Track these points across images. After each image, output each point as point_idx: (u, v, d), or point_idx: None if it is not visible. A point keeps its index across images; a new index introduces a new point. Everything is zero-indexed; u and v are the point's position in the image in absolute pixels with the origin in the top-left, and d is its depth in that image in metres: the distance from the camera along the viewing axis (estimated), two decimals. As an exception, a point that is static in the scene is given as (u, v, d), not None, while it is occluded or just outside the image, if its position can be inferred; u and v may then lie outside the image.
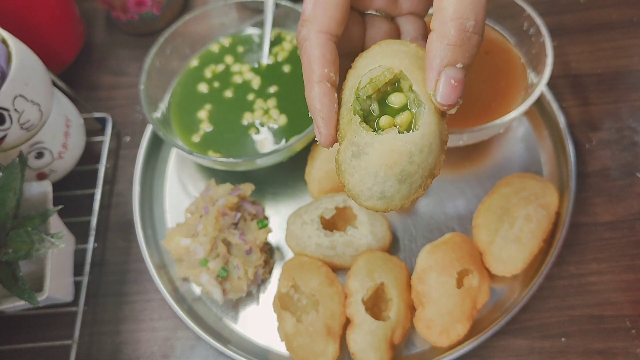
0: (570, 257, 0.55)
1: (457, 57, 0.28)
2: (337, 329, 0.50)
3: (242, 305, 0.56)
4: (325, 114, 0.31)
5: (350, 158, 0.30)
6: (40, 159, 0.56)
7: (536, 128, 0.62)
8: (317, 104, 0.31)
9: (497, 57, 0.59)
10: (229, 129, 0.60)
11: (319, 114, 0.31)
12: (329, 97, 0.31)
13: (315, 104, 0.31)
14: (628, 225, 0.56)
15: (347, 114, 0.31)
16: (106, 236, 0.61)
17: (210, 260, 0.53)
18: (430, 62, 0.29)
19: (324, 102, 0.31)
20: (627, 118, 0.62)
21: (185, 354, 0.55)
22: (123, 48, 0.75)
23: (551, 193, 0.54)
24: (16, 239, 0.47)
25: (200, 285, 0.54)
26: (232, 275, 0.54)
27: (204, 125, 0.61)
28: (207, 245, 0.53)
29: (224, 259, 0.53)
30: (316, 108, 0.31)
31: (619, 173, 0.59)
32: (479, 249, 0.53)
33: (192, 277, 0.54)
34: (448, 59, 0.28)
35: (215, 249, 0.54)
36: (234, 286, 0.54)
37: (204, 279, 0.53)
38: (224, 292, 0.54)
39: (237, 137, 0.60)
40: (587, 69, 0.66)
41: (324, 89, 0.31)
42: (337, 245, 0.53)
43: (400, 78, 0.31)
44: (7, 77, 0.48)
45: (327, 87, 0.31)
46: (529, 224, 0.52)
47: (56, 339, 0.54)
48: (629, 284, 0.53)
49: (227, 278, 0.53)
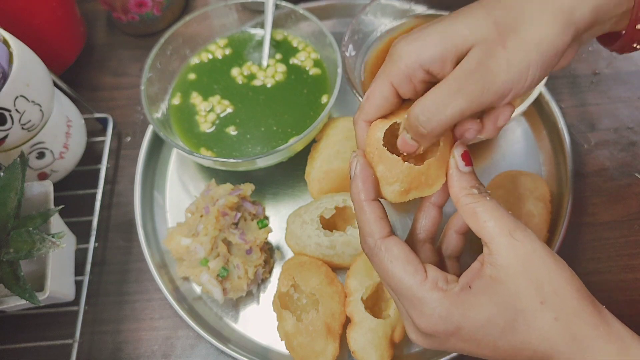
0: (568, 257, 0.54)
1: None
2: (337, 328, 0.50)
3: (243, 304, 0.56)
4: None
5: None
6: (41, 159, 0.56)
7: (535, 128, 0.62)
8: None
9: (496, 58, 0.59)
10: (229, 129, 0.61)
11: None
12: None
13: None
14: (626, 225, 0.56)
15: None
16: (107, 236, 0.61)
17: (211, 260, 0.53)
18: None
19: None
20: (625, 118, 0.62)
21: (185, 353, 0.55)
22: (124, 49, 0.75)
23: (541, 184, 0.54)
24: (17, 239, 0.47)
25: (200, 284, 0.54)
26: (232, 275, 0.54)
27: (204, 126, 0.61)
28: (208, 244, 0.53)
29: (224, 259, 0.54)
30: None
31: (617, 173, 0.59)
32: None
33: (193, 277, 0.54)
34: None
35: (215, 248, 0.54)
36: (234, 286, 0.54)
37: (205, 279, 0.53)
38: (225, 291, 0.54)
39: (238, 137, 0.60)
40: (585, 69, 0.66)
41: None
42: (336, 245, 0.53)
43: None
44: (8, 78, 0.48)
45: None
46: (533, 219, 0.52)
47: (57, 338, 0.54)
48: (628, 284, 0.54)
49: (227, 277, 0.54)
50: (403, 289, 0.35)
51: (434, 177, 0.37)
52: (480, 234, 0.35)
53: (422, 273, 0.34)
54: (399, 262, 0.35)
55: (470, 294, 0.33)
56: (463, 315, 0.33)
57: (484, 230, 0.34)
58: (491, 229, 0.34)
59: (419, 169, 0.36)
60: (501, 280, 0.33)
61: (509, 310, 0.33)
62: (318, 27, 0.61)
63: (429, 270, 0.35)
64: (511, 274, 0.33)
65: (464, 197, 0.36)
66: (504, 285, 0.33)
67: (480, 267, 0.34)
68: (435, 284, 0.34)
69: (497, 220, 0.34)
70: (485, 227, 0.34)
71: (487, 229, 0.34)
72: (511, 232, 0.33)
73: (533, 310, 0.32)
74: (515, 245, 0.33)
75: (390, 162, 0.36)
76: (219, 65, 0.65)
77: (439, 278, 0.34)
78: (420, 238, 0.40)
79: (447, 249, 0.41)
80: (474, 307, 0.33)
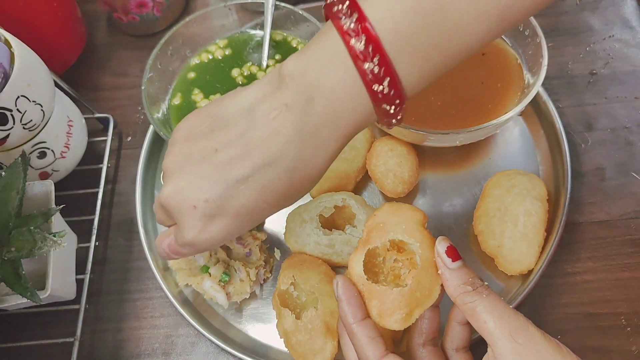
0: (565, 256, 0.56)
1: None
2: (336, 326, 0.51)
3: (243, 303, 0.57)
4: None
5: None
6: (42, 159, 0.56)
7: (532, 128, 0.63)
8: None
9: (493, 58, 0.60)
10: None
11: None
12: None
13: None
14: (623, 224, 0.57)
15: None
16: (108, 235, 0.62)
17: (211, 266, 0.53)
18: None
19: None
20: (622, 118, 0.63)
21: (186, 351, 0.55)
22: (124, 49, 0.76)
23: (538, 183, 0.55)
24: (19, 238, 0.47)
25: (203, 292, 0.54)
26: (234, 279, 0.54)
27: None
28: (206, 252, 0.53)
29: (225, 264, 0.54)
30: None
31: (614, 172, 0.60)
32: (489, 255, 0.54)
33: (195, 285, 0.54)
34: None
35: (214, 254, 0.54)
36: (238, 289, 0.54)
37: (207, 286, 0.53)
38: (228, 295, 0.54)
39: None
40: (582, 69, 0.67)
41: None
42: (335, 244, 0.54)
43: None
44: (9, 78, 0.48)
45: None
46: (531, 218, 0.52)
47: (58, 336, 0.54)
48: (624, 282, 0.54)
49: (229, 281, 0.54)
50: None
51: (429, 286, 0.36)
52: (483, 335, 0.34)
53: None
54: None
55: None
56: None
57: (485, 331, 0.34)
58: (492, 330, 0.33)
59: (412, 288, 0.35)
60: None
61: None
62: (317, 27, 0.62)
63: None
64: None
65: (461, 297, 0.35)
66: None
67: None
68: None
69: (497, 321, 0.33)
70: (486, 328, 0.34)
71: (488, 330, 0.33)
72: (513, 335, 0.33)
73: None
74: (519, 350, 0.32)
75: (381, 294, 0.36)
76: (220, 65, 0.66)
77: None
78: (420, 342, 0.40)
79: (453, 342, 0.40)
80: None
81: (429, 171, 0.61)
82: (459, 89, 0.58)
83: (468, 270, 0.36)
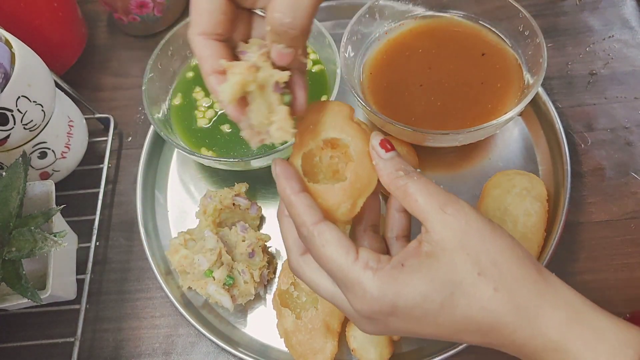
0: (565, 256, 0.56)
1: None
2: (336, 326, 0.51)
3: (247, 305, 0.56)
4: (224, 97, 0.35)
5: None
6: (43, 159, 0.56)
7: (532, 128, 0.63)
8: (214, 89, 0.36)
9: (493, 58, 0.60)
10: (229, 129, 0.61)
11: (219, 98, 0.35)
12: (220, 81, 0.35)
13: (213, 90, 0.36)
14: (623, 224, 0.57)
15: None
16: (108, 235, 0.62)
17: (215, 270, 0.53)
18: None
19: (217, 89, 0.35)
20: (621, 118, 0.63)
21: (186, 351, 0.55)
22: (125, 49, 0.76)
23: (538, 184, 0.55)
24: (19, 238, 0.47)
25: (207, 296, 0.53)
26: (238, 281, 0.53)
27: (201, 122, 0.61)
28: (213, 257, 0.53)
29: (228, 267, 0.53)
30: (216, 91, 0.36)
31: (614, 172, 0.60)
32: None
33: (199, 289, 0.53)
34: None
35: (219, 258, 0.54)
36: (242, 291, 0.53)
37: (212, 290, 0.53)
38: (233, 298, 0.53)
39: (238, 137, 0.60)
40: (582, 69, 0.67)
41: (215, 80, 0.36)
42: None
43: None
44: (10, 79, 0.49)
45: (216, 77, 0.36)
46: (530, 218, 0.53)
47: (59, 336, 0.54)
48: (624, 282, 0.54)
49: (234, 284, 0.53)
50: (337, 271, 0.34)
51: (367, 176, 0.37)
52: (415, 214, 0.34)
53: (353, 254, 0.34)
54: (331, 245, 0.34)
55: (403, 272, 0.33)
56: (396, 294, 0.32)
57: (417, 210, 0.34)
58: (422, 206, 0.34)
59: (351, 180, 0.36)
60: (436, 256, 0.33)
61: (445, 285, 0.32)
62: (317, 27, 0.62)
63: (361, 251, 0.34)
64: (446, 248, 0.32)
65: (394, 182, 0.35)
66: (439, 260, 0.32)
67: (418, 246, 0.34)
68: (366, 263, 0.33)
69: (427, 197, 0.34)
70: (417, 206, 0.34)
71: (419, 207, 0.34)
72: (442, 207, 0.33)
73: (471, 283, 0.32)
74: (448, 220, 0.33)
75: (324, 192, 0.36)
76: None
77: (370, 258, 0.34)
78: (361, 228, 0.40)
79: (393, 230, 0.40)
80: (408, 284, 0.32)
81: (429, 171, 0.61)
82: (459, 89, 0.58)
83: (401, 159, 0.37)
